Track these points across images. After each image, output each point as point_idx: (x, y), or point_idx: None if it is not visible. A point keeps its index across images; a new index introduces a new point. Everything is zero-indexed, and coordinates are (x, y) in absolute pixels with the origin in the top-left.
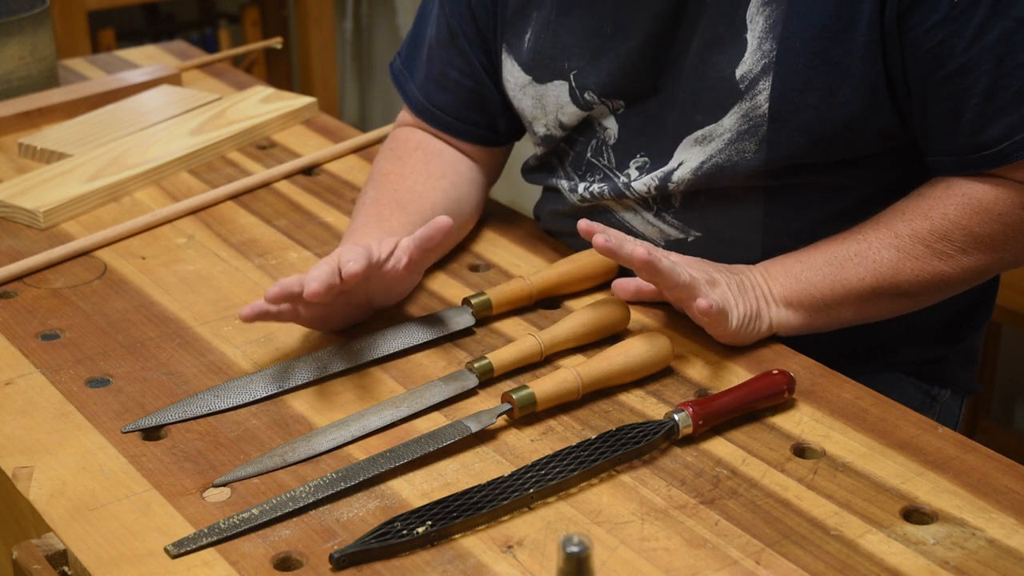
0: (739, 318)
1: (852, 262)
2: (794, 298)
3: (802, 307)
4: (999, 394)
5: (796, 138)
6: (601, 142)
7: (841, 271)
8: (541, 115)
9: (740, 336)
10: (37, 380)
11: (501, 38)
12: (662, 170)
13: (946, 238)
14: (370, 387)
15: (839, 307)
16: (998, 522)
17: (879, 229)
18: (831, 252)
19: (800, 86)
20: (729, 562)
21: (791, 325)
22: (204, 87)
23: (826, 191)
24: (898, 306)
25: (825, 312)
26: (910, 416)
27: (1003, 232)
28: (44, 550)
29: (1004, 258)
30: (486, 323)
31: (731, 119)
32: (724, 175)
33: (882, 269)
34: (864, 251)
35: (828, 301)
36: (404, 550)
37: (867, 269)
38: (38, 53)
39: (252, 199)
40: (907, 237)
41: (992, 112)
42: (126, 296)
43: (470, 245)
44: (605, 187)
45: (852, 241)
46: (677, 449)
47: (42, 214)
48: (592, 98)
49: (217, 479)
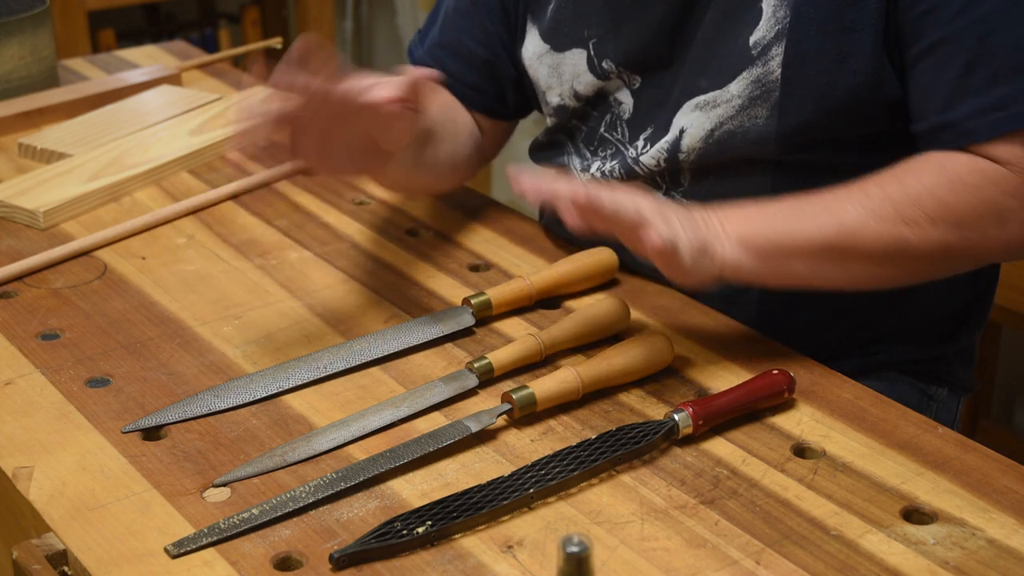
0: (690, 251)
1: (814, 211)
2: (748, 237)
3: (755, 249)
4: (999, 394)
5: (807, 105)
6: (616, 116)
7: (801, 218)
8: (556, 84)
9: (692, 274)
10: (37, 380)
11: (526, 8)
12: (667, 140)
13: (916, 203)
14: (370, 387)
15: (793, 257)
16: (998, 522)
17: (850, 188)
18: (795, 202)
19: (813, 52)
20: (729, 562)
21: (741, 267)
22: (204, 87)
23: (835, 173)
24: (854, 272)
25: (778, 260)
26: (910, 416)
27: (975, 209)
28: (44, 550)
29: (970, 241)
30: (486, 323)
31: (739, 85)
32: (736, 142)
33: (846, 222)
34: (830, 203)
35: (784, 248)
36: (404, 550)
37: (829, 221)
38: (38, 53)
39: (252, 199)
40: (876, 197)
41: (965, 90)
42: (126, 296)
43: (470, 245)
44: (616, 164)
45: (819, 195)
46: (677, 449)
47: (42, 214)
48: (609, 67)
49: (217, 479)
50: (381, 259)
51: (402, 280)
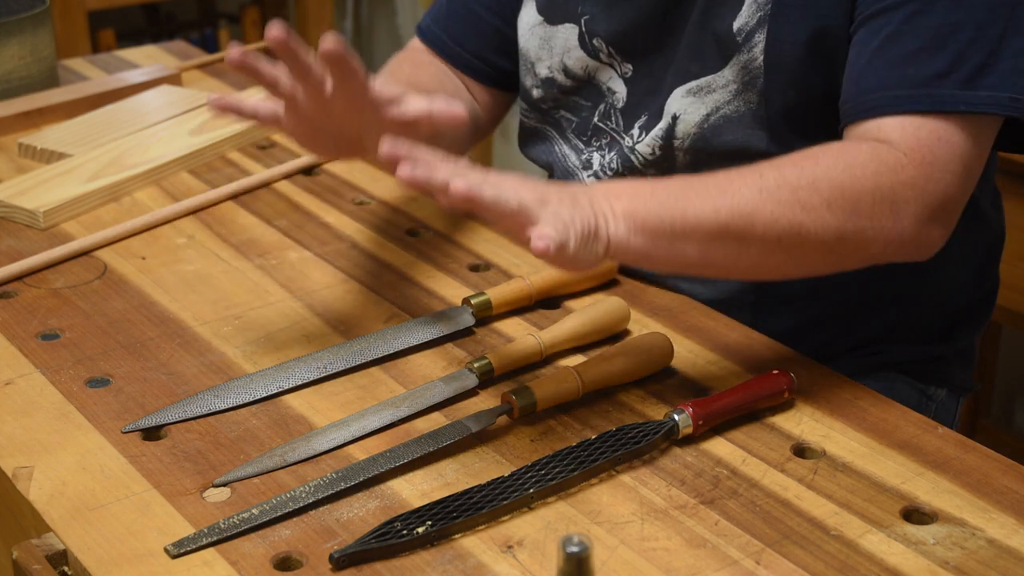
0: (576, 238)
1: (709, 192)
2: (639, 217)
3: (645, 229)
4: (999, 394)
5: (790, 92)
6: (610, 106)
7: (695, 199)
8: (547, 56)
9: (579, 260)
10: (37, 380)
11: None
12: (660, 127)
13: (813, 187)
14: (370, 387)
15: (685, 239)
16: (998, 522)
17: (745, 170)
18: (688, 180)
19: (791, 39)
20: (729, 562)
21: (630, 248)
22: (204, 87)
23: None
24: (745, 257)
25: (668, 241)
26: (910, 416)
27: (871, 196)
28: (44, 550)
29: (864, 231)
30: (486, 323)
31: (732, 70)
32: (731, 127)
33: (740, 205)
34: (724, 184)
35: (675, 229)
36: (404, 550)
37: (724, 202)
38: (38, 53)
39: (252, 199)
40: (773, 180)
41: (880, 62)
42: (126, 296)
43: (470, 245)
44: (614, 155)
45: (714, 176)
46: (677, 449)
47: (42, 214)
48: (600, 45)
49: (217, 479)
50: (381, 259)
51: (402, 280)
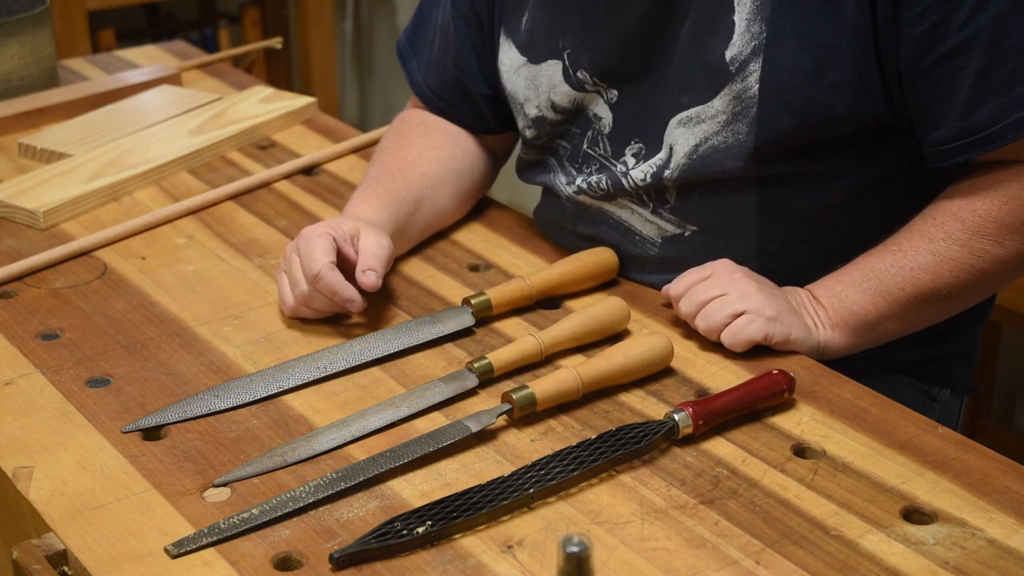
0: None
1: (890, 273)
2: (839, 319)
3: (847, 328)
4: (999, 394)
5: (785, 120)
6: (597, 132)
7: (881, 284)
8: (534, 96)
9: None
10: (37, 380)
11: (500, 21)
12: (658, 158)
13: (980, 233)
14: (370, 387)
15: (884, 321)
16: (998, 522)
17: (912, 237)
18: (868, 267)
19: (790, 67)
20: (729, 562)
21: (839, 347)
22: (204, 87)
23: (818, 180)
24: (943, 310)
25: (871, 329)
26: (910, 416)
27: None
28: (44, 550)
29: None
30: (486, 323)
31: (722, 101)
32: (718, 158)
33: (921, 276)
34: (900, 260)
35: (873, 318)
36: (404, 550)
37: (906, 278)
38: (38, 53)
39: (252, 199)
40: (941, 241)
41: (985, 94)
42: (126, 296)
43: (470, 245)
44: (603, 177)
45: (887, 253)
46: (677, 449)
47: (42, 214)
48: (585, 77)
49: (217, 479)
50: None
51: (402, 280)
